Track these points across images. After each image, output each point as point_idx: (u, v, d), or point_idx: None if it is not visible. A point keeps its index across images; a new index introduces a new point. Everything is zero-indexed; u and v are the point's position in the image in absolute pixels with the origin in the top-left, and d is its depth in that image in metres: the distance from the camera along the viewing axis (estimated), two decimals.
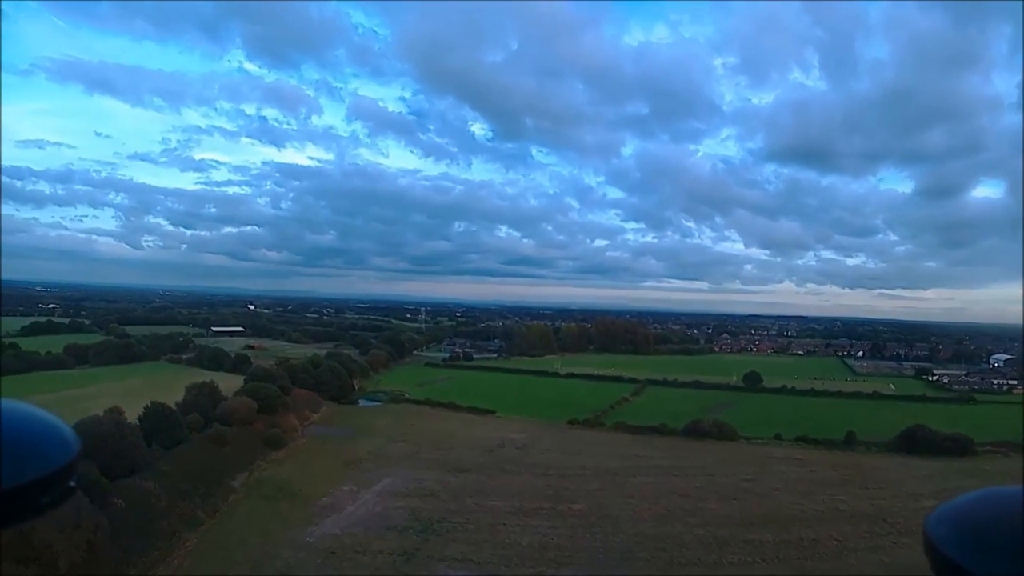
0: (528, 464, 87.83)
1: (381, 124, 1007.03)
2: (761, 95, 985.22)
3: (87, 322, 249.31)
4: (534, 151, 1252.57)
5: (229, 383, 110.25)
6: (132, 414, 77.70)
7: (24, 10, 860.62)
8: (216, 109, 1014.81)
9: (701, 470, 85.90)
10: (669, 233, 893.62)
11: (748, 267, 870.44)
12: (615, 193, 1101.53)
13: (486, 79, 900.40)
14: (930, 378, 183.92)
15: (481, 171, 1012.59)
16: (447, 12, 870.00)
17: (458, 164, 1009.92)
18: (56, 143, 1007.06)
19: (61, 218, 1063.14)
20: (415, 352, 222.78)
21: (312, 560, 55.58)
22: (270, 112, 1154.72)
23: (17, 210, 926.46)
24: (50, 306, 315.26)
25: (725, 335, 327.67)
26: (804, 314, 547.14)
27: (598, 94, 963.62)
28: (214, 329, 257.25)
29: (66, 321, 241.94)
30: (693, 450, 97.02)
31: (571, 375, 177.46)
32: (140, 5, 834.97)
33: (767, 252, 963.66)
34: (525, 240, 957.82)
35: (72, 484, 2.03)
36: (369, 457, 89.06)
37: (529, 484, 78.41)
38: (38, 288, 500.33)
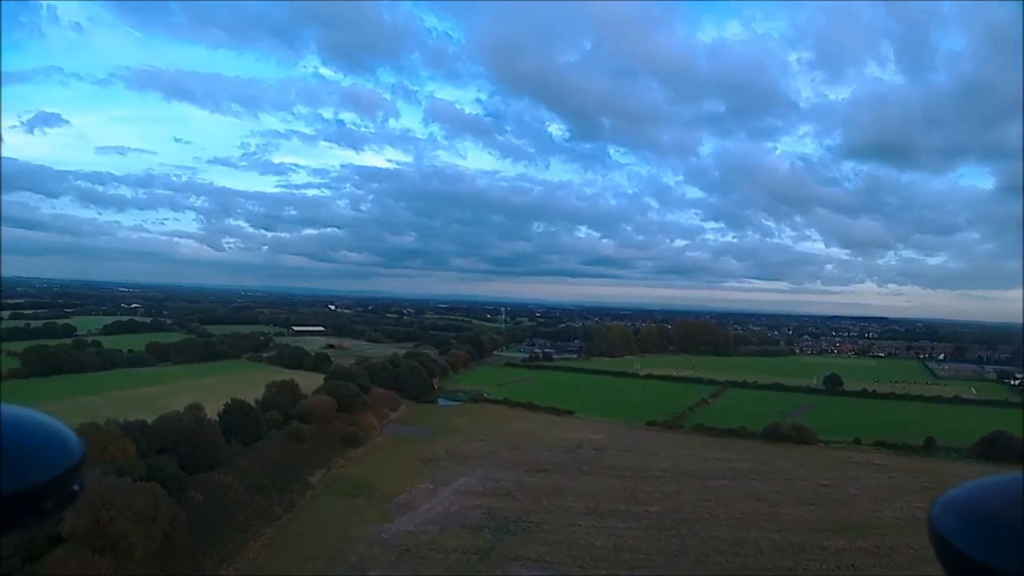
0: (605, 465, 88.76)
1: (458, 126, 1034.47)
2: (838, 90, 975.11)
3: (169, 321, 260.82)
4: (612, 151, 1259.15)
5: (309, 381, 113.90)
6: (212, 411, 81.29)
7: (100, 22, 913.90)
8: (294, 114, 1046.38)
9: (779, 474, 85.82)
10: (749, 232, 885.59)
11: (829, 267, 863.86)
12: (694, 192, 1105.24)
13: (561, 80, 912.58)
14: (1012, 382, 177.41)
15: (559, 171, 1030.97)
16: (519, 14, 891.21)
17: (536, 165, 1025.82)
18: (136, 149, 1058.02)
19: (143, 221, 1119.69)
20: (495, 352, 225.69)
21: (386, 556, 57.12)
22: (347, 116, 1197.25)
23: (100, 214, 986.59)
24: (132, 306, 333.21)
25: (806, 336, 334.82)
26: (885, 315, 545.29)
27: (674, 92, 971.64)
28: (295, 328, 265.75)
29: (148, 320, 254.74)
30: (772, 453, 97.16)
31: (650, 376, 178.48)
32: (214, 15, 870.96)
33: (847, 252, 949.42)
34: (604, 240, 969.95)
35: (76, 488, 2.12)
36: (447, 456, 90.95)
37: (606, 485, 79.31)
38: (121, 288, 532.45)
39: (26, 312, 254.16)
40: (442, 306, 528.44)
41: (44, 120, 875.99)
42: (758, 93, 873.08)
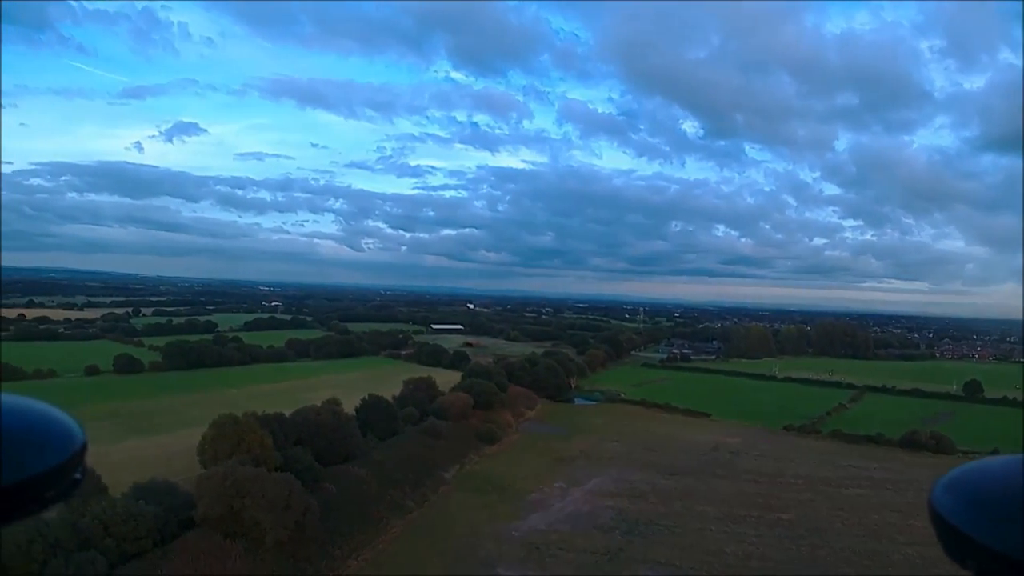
0: (740, 470, 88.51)
1: (592, 126, 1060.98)
2: (972, 79, 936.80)
3: (309, 319, 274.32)
4: (747, 148, 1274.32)
5: (446, 379, 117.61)
6: (349, 405, 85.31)
7: (231, 36, 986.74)
8: (428, 117, 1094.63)
9: (915, 484, 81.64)
10: (887, 230, 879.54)
11: (969, 266, 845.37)
12: (831, 189, 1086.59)
13: (692, 76, 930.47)
14: None
15: (695, 169, 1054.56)
16: (645, 11, 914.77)
17: (671, 163, 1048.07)
18: (274, 154, 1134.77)
19: (283, 223, 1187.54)
20: (633, 352, 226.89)
21: (515, 553, 58.47)
22: (481, 118, 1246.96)
23: (240, 216, 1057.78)
24: (273, 304, 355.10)
25: (946, 340, 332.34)
26: None
27: (806, 86, 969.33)
28: (433, 327, 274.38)
29: (288, 318, 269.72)
30: (908, 462, 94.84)
31: (788, 379, 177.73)
32: (343, 25, 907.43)
33: (988, 250, 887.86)
34: (743, 239, 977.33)
35: (78, 477, 2.17)
36: (581, 455, 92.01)
37: (740, 490, 79.02)
38: (261, 287, 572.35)
39: (168, 309, 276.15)
40: (580, 305, 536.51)
41: (182, 129, 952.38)
42: (891, 84, 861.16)
